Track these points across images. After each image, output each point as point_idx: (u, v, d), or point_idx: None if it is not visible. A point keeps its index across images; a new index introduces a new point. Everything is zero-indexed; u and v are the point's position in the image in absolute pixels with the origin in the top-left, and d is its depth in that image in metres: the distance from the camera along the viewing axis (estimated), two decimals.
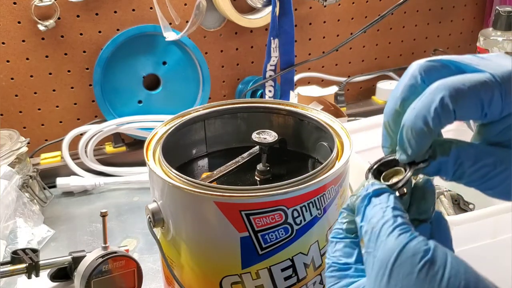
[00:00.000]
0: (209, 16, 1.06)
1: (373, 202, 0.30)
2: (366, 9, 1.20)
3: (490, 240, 0.60)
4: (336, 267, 0.32)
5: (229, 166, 0.58)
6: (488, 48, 1.01)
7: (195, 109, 0.63)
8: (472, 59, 0.32)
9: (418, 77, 0.32)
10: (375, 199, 0.30)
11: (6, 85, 0.99)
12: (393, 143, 0.33)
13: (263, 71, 1.04)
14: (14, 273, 0.65)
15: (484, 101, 0.30)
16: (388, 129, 0.33)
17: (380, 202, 0.30)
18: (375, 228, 0.29)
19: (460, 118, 0.30)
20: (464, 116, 0.30)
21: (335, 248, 0.32)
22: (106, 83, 1.01)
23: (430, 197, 0.34)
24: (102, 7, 0.99)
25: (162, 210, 0.52)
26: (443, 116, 0.30)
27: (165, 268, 0.56)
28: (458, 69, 0.32)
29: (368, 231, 0.29)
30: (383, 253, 0.27)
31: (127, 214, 0.91)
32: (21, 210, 0.82)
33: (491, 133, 0.32)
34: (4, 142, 0.89)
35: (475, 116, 0.31)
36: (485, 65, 0.31)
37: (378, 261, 0.27)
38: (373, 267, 0.28)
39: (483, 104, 0.30)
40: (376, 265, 0.28)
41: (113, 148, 1.05)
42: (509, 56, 0.32)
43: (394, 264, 0.27)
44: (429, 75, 0.32)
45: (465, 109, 0.30)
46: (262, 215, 0.47)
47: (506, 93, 0.30)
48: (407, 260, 0.26)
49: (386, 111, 0.33)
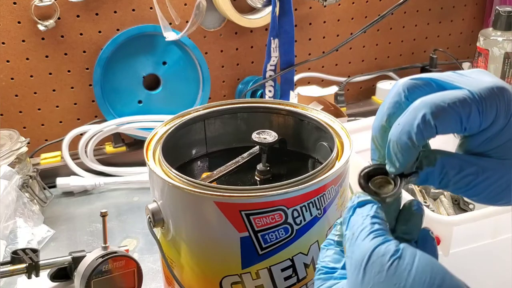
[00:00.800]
0: (209, 16, 1.06)
1: (356, 212, 0.33)
2: (366, 9, 1.20)
3: (490, 240, 0.60)
4: (323, 271, 0.35)
5: (229, 166, 0.58)
6: (488, 48, 1.01)
7: (195, 109, 0.63)
8: (452, 76, 0.34)
9: (402, 95, 0.34)
10: (359, 209, 0.33)
11: (6, 85, 0.99)
12: (381, 156, 0.35)
13: (263, 71, 1.04)
14: (14, 273, 0.65)
15: (462, 116, 0.32)
16: (376, 143, 0.36)
17: (362, 212, 0.33)
18: (354, 234, 0.31)
19: (442, 132, 0.33)
20: (445, 131, 0.33)
21: (325, 254, 0.36)
22: (106, 83, 1.01)
23: (416, 220, 0.35)
24: (102, 7, 0.99)
25: (162, 210, 0.52)
26: (425, 132, 0.32)
27: (165, 268, 0.56)
28: (439, 86, 0.34)
29: (349, 238, 0.32)
30: (358, 254, 0.30)
31: (127, 214, 0.91)
32: (21, 210, 0.82)
33: (473, 144, 0.34)
34: (4, 142, 0.89)
35: (455, 130, 0.33)
36: (464, 82, 0.33)
37: (354, 262, 0.30)
38: (350, 268, 0.31)
39: (462, 120, 0.32)
40: (353, 266, 0.30)
41: (113, 148, 1.05)
42: (488, 72, 0.34)
43: (367, 263, 0.29)
44: (412, 92, 0.34)
45: (445, 124, 0.32)
46: (262, 215, 0.47)
47: (484, 109, 0.32)
48: (378, 259, 0.29)
49: (374, 126, 0.36)
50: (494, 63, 1.01)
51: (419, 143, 0.32)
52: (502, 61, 1.00)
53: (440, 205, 0.75)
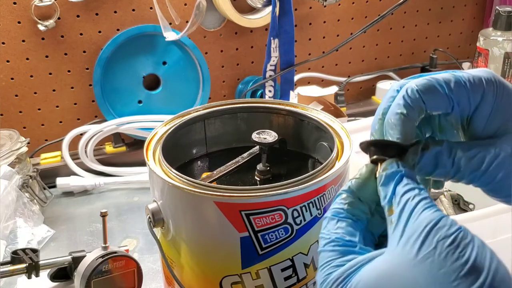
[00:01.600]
0: (209, 16, 1.06)
1: (405, 181, 0.32)
2: (366, 9, 1.20)
3: (490, 240, 0.59)
4: (340, 242, 0.32)
5: (229, 166, 0.58)
6: (488, 48, 1.01)
7: (195, 109, 0.63)
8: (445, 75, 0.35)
9: (395, 91, 0.35)
10: (406, 179, 0.32)
11: (6, 85, 0.99)
12: None
13: (263, 71, 1.04)
14: (14, 273, 0.65)
15: (446, 87, 0.34)
16: (374, 136, 0.36)
17: (413, 182, 0.32)
18: (411, 202, 0.30)
19: (432, 106, 0.34)
20: (434, 104, 0.34)
21: (337, 225, 0.33)
22: (106, 83, 1.01)
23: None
24: (102, 7, 0.99)
25: (162, 210, 0.52)
26: (413, 102, 0.34)
27: (165, 268, 0.56)
28: None
29: (401, 203, 0.30)
30: (419, 222, 0.28)
31: (127, 214, 0.91)
32: (21, 210, 0.82)
33: (477, 129, 0.35)
34: (4, 142, 0.89)
35: (444, 103, 0.34)
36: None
37: (411, 230, 0.28)
38: (404, 235, 0.28)
39: (446, 91, 0.34)
40: (409, 233, 0.28)
41: (113, 148, 1.05)
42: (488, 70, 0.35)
43: (430, 231, 0.28)
44: None
45: (430, 95, 0.34)
46: (262, 215, 0.47)
47: (467, 82, 0.34)
48: (443, 228, 0.28)
49: (372, 124, 0.36)
50: (494, 63, 1.01)
51: (410, 113, 0.34)
52: (502, 61, 1.00)
53: (440, 205, 0.75)
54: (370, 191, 0.34)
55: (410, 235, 0.28)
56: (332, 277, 0.29)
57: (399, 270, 0.27)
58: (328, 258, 0.31)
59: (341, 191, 0.34)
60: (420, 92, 0.34)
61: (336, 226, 0.32)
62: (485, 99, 0.34)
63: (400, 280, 0.27)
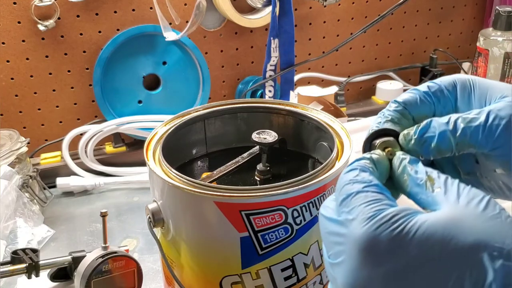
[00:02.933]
0: (209, 16, 1.06)
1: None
2: (366, 9, 1.20)
3: None
4: (382, 188, 0.31)
5: (229, 166, 0.58)
6: (488, 48, 1.01)
7: (195, 109, 0.63)
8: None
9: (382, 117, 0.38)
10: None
11: (6, 85, 0.99)
12: None
13: (263, 71, 1.04)
14: (14, 273, 0.65)
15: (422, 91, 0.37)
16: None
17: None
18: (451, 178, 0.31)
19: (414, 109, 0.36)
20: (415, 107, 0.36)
21: (371, 176, 0.32)
22: (106, 83, 1.01)
23: None
24: (102, 7, 0.99)
25: (162, 210, 0.52)
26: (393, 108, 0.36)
27: (165, 268, 0.56)
28: None
29: (442, 176, 0.31)
30: (475, 191, 0.29)
31: (127, 214, 0.91)
32: (21, 210, 0.82)
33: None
34: (4, 142, 0.89)
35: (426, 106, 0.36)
36: None
37: (471, 195, 0.29)
38: (462, 197, 0.29)
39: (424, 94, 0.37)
40: (469, 196, 0.29)
41: (113, 148, 1.05)
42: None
43: (489, 200, 0.29)
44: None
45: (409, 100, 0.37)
46: (262, 215, 0.47)
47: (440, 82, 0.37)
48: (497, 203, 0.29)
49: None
50: (494, 63, 1.01)
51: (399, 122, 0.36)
52: (502, 61, 1.00)
53: None
54: (384, 168, 0.34)
55: (470, 199, 0.29)
56: (388, 212, 0.28)
57: (471, 220, 0.28)
58: (375, 197, 0.30)
59: (361, 157, 0.34)
60: (398, 101, 0.37)
61: (371, 177, 0.32)
62: (461, 94, 0.37)
63: (473, 227, 0.28)
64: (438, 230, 0.27)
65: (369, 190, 0.30)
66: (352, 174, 0.32)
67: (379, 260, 0.28)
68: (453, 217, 0.28)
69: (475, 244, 0.27)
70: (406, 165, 0.33)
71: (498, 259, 0.26)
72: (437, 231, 0.27)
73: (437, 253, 0.27)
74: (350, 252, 0.29)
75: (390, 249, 0.28)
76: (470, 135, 0.33)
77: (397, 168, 0.34)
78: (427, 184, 0.31)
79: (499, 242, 0.27)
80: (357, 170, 0.32)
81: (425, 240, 0.27)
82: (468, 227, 0.28)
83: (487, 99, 0.36)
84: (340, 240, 0.30)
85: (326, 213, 0.32)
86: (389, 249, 0.28)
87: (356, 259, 0.28)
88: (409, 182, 0.32)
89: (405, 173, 0.33)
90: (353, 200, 0.30)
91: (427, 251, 0.27)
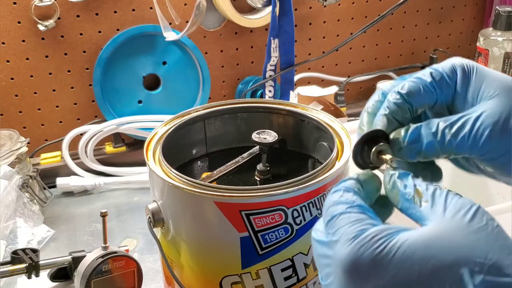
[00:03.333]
0: (209, 16, 1.06)
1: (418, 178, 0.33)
2: (366, 9, 1.20)
3: None
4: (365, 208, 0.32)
5: (229, 166, 0.58)
6: (488, 48, 1.01)
7: (195, 109, 0.63)
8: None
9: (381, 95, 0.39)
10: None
11: (6, 85, 0.99)
12: None
13: (263, 71, 1.04)
14: (14, 273, 0.65)
15: (423, 79, 0.36)
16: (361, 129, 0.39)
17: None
18: (440, 189, 0.31)
19: (415, 100, 0.36)
20: (417, 98, 0.37)
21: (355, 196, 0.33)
22: (106, 83, 1.01)
23: None
24: (102, 7, 0.99)
25: (162, 210, 0.52)
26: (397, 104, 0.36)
27: (165, 268, 0.56)
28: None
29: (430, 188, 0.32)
30: (463, 202, 0.30)
31: (127, 214, 0.91)
32: (21, 210, 0.82)
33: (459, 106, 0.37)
34: (4, 142, 0.89)
35: (428, 94, 0.37)
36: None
37: (457, 206, 0.30)
38: (448, 210, 0.30)
39: (424, 82, 0.36)
40: (455, 209, 0.30)
41: (113, 148, 1.05)
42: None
43: (477, 210, 0.29)
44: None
45: (414, 95, 0.36)
46: (262, 215, 0.47)
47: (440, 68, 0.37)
48: (486, 213, 0.30)
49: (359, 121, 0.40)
50: (494, 63, 1.01)
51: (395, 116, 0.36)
52: (502, 61, 1.00)
53: None
54: (372, 187, 0.35)
55: (457, 211, 0.29)
56: (370, 232, 0.29)
57: (453, 235, 0.28)
58: (357, 218, 0.30)
59: (348, 178, 0.35)
60: (402, 94, 0.36)
61: (355, 197, 0.32)
62: (460, 83, 0.37)
63: (454, 243, 0.28)
64: (418, 250, 0.28)
65: (352, 211, 0.31)
66: (336, 196, 0.33)
67: (362, 280, 0.28)
68: (436, 234, 0.29)
69: (455, 261, 0.27)
70: (395, 180, 0.33)
71: (479, 275, 0.27)
72: (416, 251, 0.28)
73: (416, 273, 0.27)
74: (336, 273, 0.29)
75: (372, 269, 0.28)
76: (456, 145, 0.35)
77: (387, 184, 0.34)
78: (415, 199, 0.32)
79: (481, 256, 0.27)
80: (341, 191, 0.33)
81: (405, 260, 0.28)
82: (450, 243, 0.28)
83: (481, 92, 0.36)
84: (328, 262, 0.30)
85: (316, 235, 0.32)
86: (371, 269, 0.28)
87: (342, 279, 0.29)
88: (399, 197, 0.33)
89: (395, 188, 0.33)
90: (337, 221, 0.31)
91: (406, 271, 0.28)
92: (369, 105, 0.39)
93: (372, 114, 0.38)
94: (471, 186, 0.83)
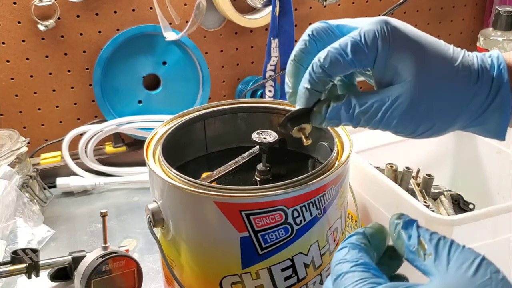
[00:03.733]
0: (209, 16, 1.06)
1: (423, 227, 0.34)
2: (366, 9, 1.20)
3: (490, 240, 0.60)
4: (370, 266, 0.33)
5: (229, 166, 0.58)
6: (488, 48, 1.01)
7: (195, 109, 0.63)
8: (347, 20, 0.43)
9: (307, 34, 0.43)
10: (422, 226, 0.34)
11: (6, 85, 0.99)
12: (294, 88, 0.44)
13: (263, 71, 1.04)
14: (14, 273, 0.65)
15: (343, 52, 0.40)
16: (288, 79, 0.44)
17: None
18: (444, 240, 0.32)
19: (335, 73, 0.41)
20: (336, 71, 0.40)
21: (360, 254, 0.34)
22: (106, 83, 1.01)
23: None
24: (102, 7, 0.99)
25: (162, 210, 0.52)
26: (317, 78, 0.41)
27: (165, 268, 0.56)
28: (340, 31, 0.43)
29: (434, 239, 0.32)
30: (466, 254, 0.30)
31: (127, 214, 0.91)
32: (21, 210, 0.82)
33: (378, 75, 0.41)
34: (4, 142, 0.89)
35: (346, 69, 0.40)
36: (356, 22, 0.42)
37: (461, 259, 0.30)
38: (452, 263, 0.30)
39: (343, 54, 0.39)
40: (459, 261, 0.30)
41: (113, 148, 1.05)
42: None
43: (481, 263, 0.29)
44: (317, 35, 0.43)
45: (333, 66, 0.40)
46: (262, 215, 0.47)
47: (362, 36, 0.39)
48: (491, 264, 0.30)
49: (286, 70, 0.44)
50: None
51: (316, 88, 0.41)
52: None
53: (440, 205, 0.75)
54: (380, 240, 0.36)
55: (460, 264, 0.30)
56: None
57: None
58: (361, 277, 0.32)
59: (354, 232, 0.36)
60: (324, 67, 0.40)
61: (359, 254, 0.33)
62: (380, 54, 0.40)
63: None
64: None
65: (356, 270, 0.32)
66: (342, 253, 0.34)
67: None
68: (444, 285, 0.29)
69: None
70: (400, 230, 0.34)
71: None
72: None
73: None
74: None
75: None
76: (369, 126, 0.41)
77: (393, 233, 0.35)
78: (419, 252, 0.32)
79: None
80: (347, 248, 0.34)
81: None
82: None
83: (397, 73, 0.40)
84: None
85: None
86: None
87: None
88: (405, 248, 0.33)
89: (400, 239, 0.34)
90: (343, 280, 0.32)
91: None
92: (295, 53, 0.43)
93: (297, 65, 0.43)
94: (471, 186, 0.83)
